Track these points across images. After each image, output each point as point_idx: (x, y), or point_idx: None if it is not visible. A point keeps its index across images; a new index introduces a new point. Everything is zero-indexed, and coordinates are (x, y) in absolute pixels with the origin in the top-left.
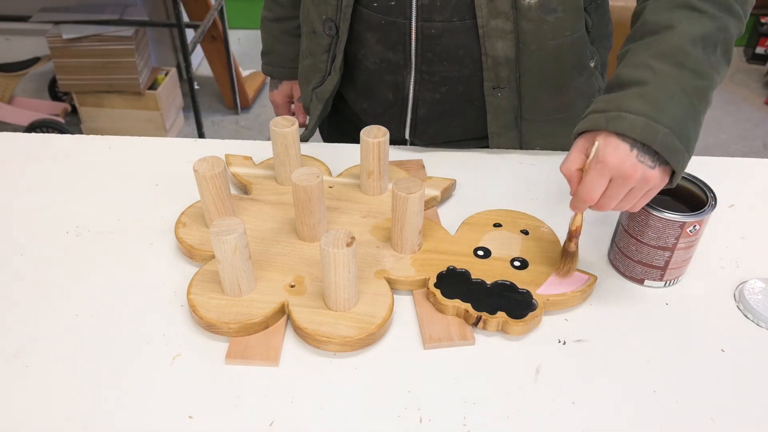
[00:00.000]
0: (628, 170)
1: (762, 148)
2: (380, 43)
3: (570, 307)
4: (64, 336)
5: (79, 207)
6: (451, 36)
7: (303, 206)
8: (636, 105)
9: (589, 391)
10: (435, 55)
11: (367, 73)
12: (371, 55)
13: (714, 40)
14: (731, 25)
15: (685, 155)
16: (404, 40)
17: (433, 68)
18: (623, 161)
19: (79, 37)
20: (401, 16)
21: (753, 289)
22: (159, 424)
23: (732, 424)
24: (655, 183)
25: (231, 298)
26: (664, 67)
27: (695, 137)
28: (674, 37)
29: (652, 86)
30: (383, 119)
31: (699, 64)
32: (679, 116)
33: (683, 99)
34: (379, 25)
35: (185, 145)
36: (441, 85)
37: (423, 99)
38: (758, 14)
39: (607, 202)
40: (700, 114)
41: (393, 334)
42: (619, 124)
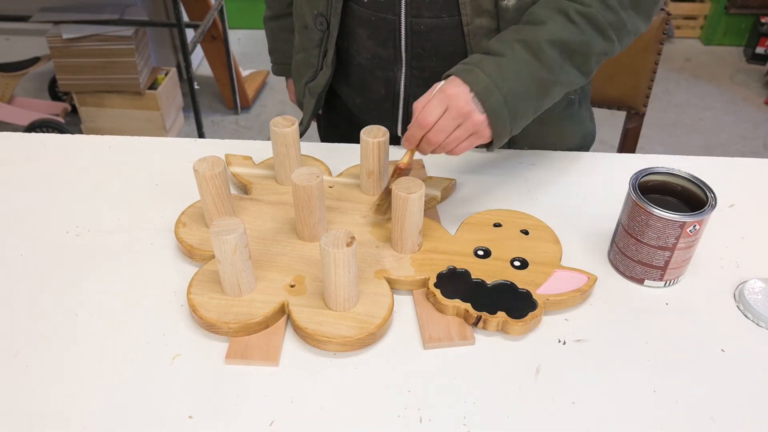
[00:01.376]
0: (462, 103)
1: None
2: (371, 38)
3: (570, 307)
4: (64, 336)
5: (79, 207)
6: (440, 32)
7: (303, 206)
8: (489, 68)
9: (589, 391)
10: (425, 51)
11: (360, 69)
12: (363, 51)
13: (571, 48)
14: (596, 43)
15: (506, 124)
16: (394, 36)
17: (423, 64)
18: (460, 95)
19: (79, 37)
20: (390, 12)
21: (753, 289)
22: (159, 424)
23: (732, 424)
24: (479, 128)
25: (231, 298)
26: (523, 52)
27: (524, 116)
28: (540, 32)
29: (507, 60)
30: (376, 115)
31: (550, 61)
32: (517, 91)
33: (526, 81)
34: (369, 20)
35: (185, 145)
36: (432, 80)
37: (415, 95)
38: (758, 14)
39: (436, 133)
40: (537, 100)
41: (393, 334)
42: (467, 76)
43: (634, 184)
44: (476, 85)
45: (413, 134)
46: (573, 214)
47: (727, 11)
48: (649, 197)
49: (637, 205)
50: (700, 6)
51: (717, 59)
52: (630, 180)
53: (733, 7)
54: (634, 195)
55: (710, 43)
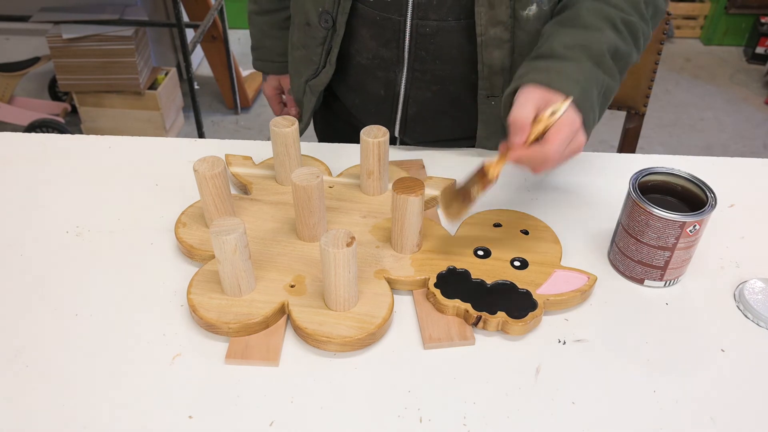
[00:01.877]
0: (580, 135)
1: (762, 148)
2: (374, 39)
3: (570, 307)
4: (64, 336)
5: (79, 207)
6: (446, 35)
7: (303, 206)
8: (576, 75)
9: (589, 391)
10: (428, 53)
11: (360, 69)
12: (364, 51)
13: (621, 56)
14: (633, 54)
15: (590, 131)
16: (398, 37)
17: (425, 66)
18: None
19: (79, 37)
20: (397, 13)
21: (753, 289)
22: (159, 424)
23: (732, 424)
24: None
25: (231, 298)
26: (587, 59)
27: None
28: (600, 39)
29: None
30: (374, 116)
31: (609, 69)
32: (595, 100)
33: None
34: (374, 21)
35: (185, 145)
36: (433, 83)
37: (414, 97)
38: (758, 14)
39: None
40: (603, 108)
41: (393, 334)
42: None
43: (634, 184)
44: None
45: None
46: (573, 214)
47: (727, 11)
48: (649, 197)
49: (637, 205)
50: (700, 6)
51: (717, 59)
52: (630, 180)
53: (733, 7)
54: (634, 195)
55: (710, 43)
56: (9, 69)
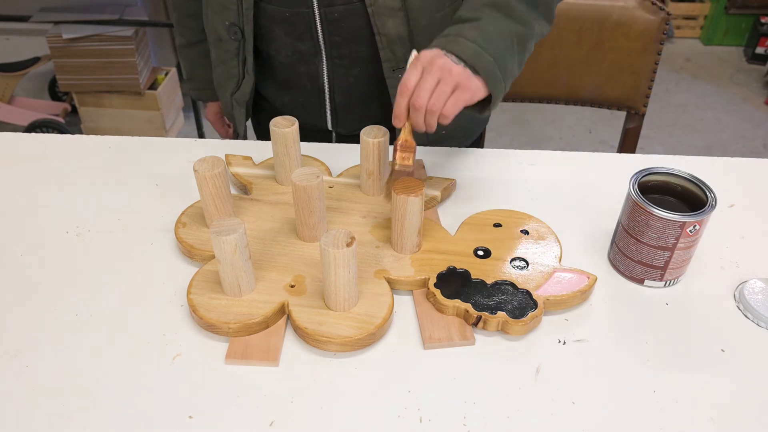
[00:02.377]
0: (434, 57)
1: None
2: (288, 35)
3: (570, 307)
4: (64, 336)
5: (79, 207)
6: (354, 17)
7: (303, 206)
8: (471, 34)
9: (589, 391)
10: (342, 38)
11: (282, 67)
12: (283, 49)
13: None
14: None
15: (501, 84)
16: (311, 28)
17: (342, 51)
18: (431, 53)
19: (79, 37)
20: (304, 6)
21: (753, 289)
22: (159, 424)
23: (732, 424)
24: (460, 78)
25: (231, 298)
26: (495, 14)
27: (512, 74)
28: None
29: (484, 23)
30: (304, 111)
31: (522, 15)
32: (502, 51)
33: (507, 39)
34: (284, 17)
35: (185, 145)
36: (352, 67)
37: (338, 85)
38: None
39: (418, 93)
40: (519, 54)
41: (393, 334)
42: (454, 46)
43: (634, 184)
44: (465, 52)
45: (399, 104)
46: (573, 214)
47: (727, 11)
48: (649, 197)
49: (637, 205)
50: (700, 6)
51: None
52: (630, 180)
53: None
54: (634, 195)
55: (710, 43)
56: (9, 69)
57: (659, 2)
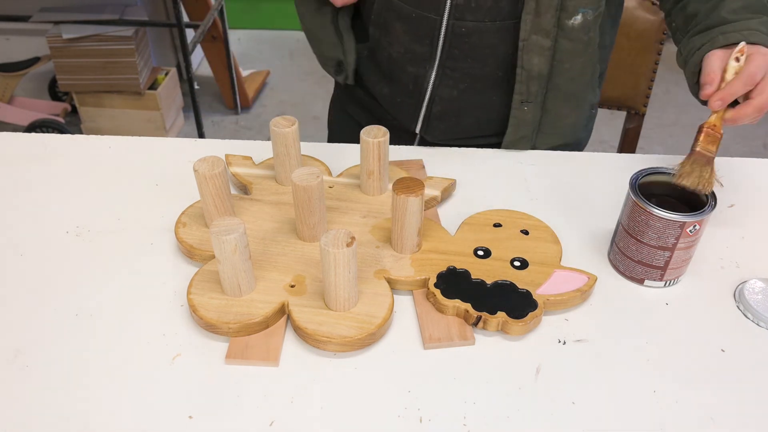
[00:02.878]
0: None
1: (762, 148)
2: (407, 34)
3: (570, 307)
4: (64, 336)
5: (79, 207)
6: (481, 36)
7: (303, 206)
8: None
9: (589, 391)
10: (461, 51)
11: (390, 61)
12: (396, 44)
13: None
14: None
15: None
16: (433, 35)
17: (456, 64)
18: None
19: (79, 37)
20: (434, 12)
21: (753, 289)
22: (159, 424)
23: (732, 424)
24: None
25: (231, 298)
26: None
27: None
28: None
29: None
30: (399, 107)
31: None
32: None
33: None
34: (409, 17)
35: (185, 145)
36: (461, 81)
37: (441, 95)
38: None
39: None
40: None
41: (393, 334)
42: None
43: (634, 184)
44: None
45: (735, 91)
46: (573, 214)
47: None
48: (649, 197)
49: (637, 205)
50: None
51: None
52: (630, 180)
53: None
54: (634, 195)
55: None
56: (9, 69)
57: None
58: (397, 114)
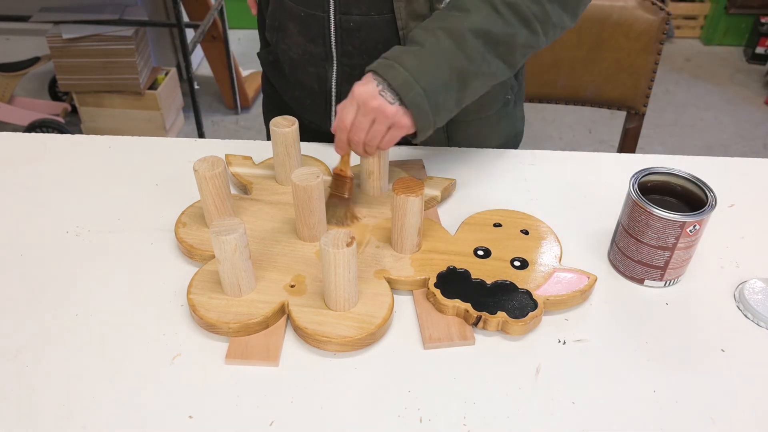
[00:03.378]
0: (368, 99)
1: (762, 148)
2: (301, 34)
3: (570, 307)
4: (64, 336)
5: (79, 207)
6: (370, 30)
7: (303, 206)
8: (408, 62)
9: (589, 391)
10: (355, 48)
11: (293, 64)
12: (294, 46)
13: (496, 39)
14: (521, 35)
15: (429, 117)
16: (324, 32)
17: (353, 61)
18: (366, 92)
19: (79, 37)
20: (320, 9)
21: (753, 289)
22: (159, 424)
23: (732, 424)
24: (395, 119)
25: (231, 298)
26: (445, 41)
27: (446, 109)
28: (465, 21)
29: (427, 51)
30: (310, 110)
31: (472, 52)
32: (437, 84)
33: (446, 73)
34: (299, 16)
35: (185, 145)
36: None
37: (346, 91)
38: (758, 14)
39: (356, 132)
40: (458, 91)
41: (393, 334)
42: (387, 72)
43: (634, 184)
44: (395, 81)
45: (339, 138)
46: (573, 214)
47: (727, 11)
48: (649, 197)
49: (637, 205)
50: (700, 6)
51: (717, 59)
52: (630, 180)
53: (733, 7)
54: (634, 195)
55: (710, 43)
56: (9, 69)
57: (659, 2)
58: (309, 116)
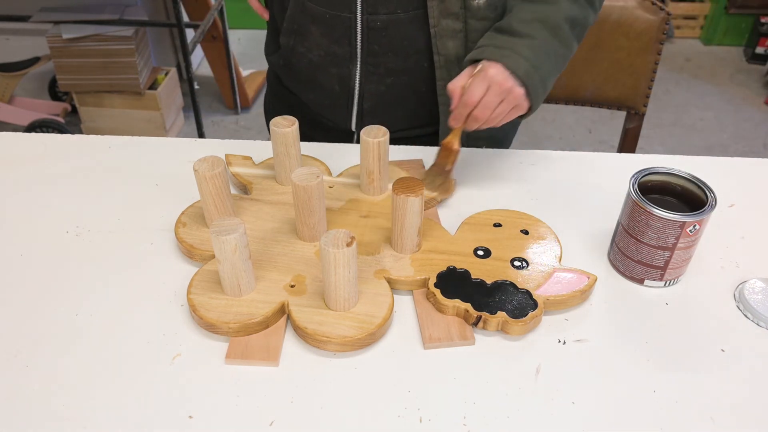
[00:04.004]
0: (502, 80)
1: (762, 148)
2: (325, 36)
3: (570, 307)
4: (64, 336)
5: (79, 207)
6: (397, 28)
7: (303, 206)
8: (525, 51)
9: (589, 391)
10: (381, 47)
11: (311, 66)
12: (315, 48)
13: (577, 23)
14: (590, 16)
15: (541, 99)
16: (350, 33)
17: (379, 60)
18: (500, 73)
19: (79, 37)
20: (347, 10)
21: (753, 289)
22: (159, 424)
23: (732, 424)
24: (519, 101)
25: (231, 298)
26: (545, 32)
27: (548, 89)
28: (558, 12)
29: (538, 42)
30: (329, 109)
31: (566, 38)
32: (547, 70)
33: (552, 59)
34: (324, 18)
35: (185, 145)
36: (386, 76)
37: (369, 91)
38: (758, 14)
39: (483, 109)
40: (558, 72)
41: (393, 334)
42: (510, 61)
43: (634, 184)
44: (518, 70)
45: (460, 113)
46: (573, 214)
47: (727, 11)
48: (649, 197)
49: (637, 205)
50: (700, 6)
51: (717, 59)
52: (630, 180)
53: (733, 7)
54: (634, 195)
55: (710, 43)
56: (9, 69)
57: (659, 2)
58: (329, 115)
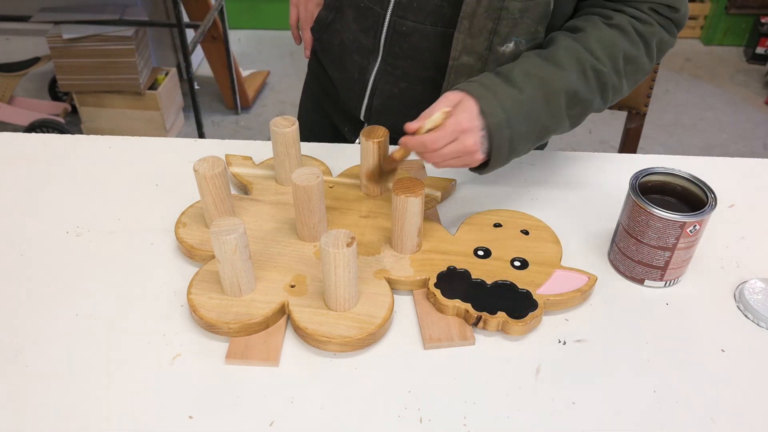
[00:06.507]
0: (470, 144)
1: (762, 148)
2: (356, 22)
3: (570, 307)
4: (64, 336)
5: (79, 207)
6: (421, 38)
7: (303, 206)
8: (507, 101)
9: (589, 391)
10: (402, 50)
11: (342, 47)
12: (347, 31)
13: (578, 101)
14: (596, 102)
15: (503, 161)
16: (377, 28)
17: (397, 62)
18: (472, 134)
19: (79, 37)
20: (379, 5)
21: (753, 289)
22: (159, 424)
23: (732, 424)
24: (475, 158)
25: (231, 298)
26: (539, 92)
27: (518, 155)
28: (561, 80)
29: (525, 98)
30: (348, 93)
31: (557, 109)
32: (522, 133)
33: (532, 124)
34: (359, 6)
35: (185, 145)
36: (401, 80)
37: (382, 89)
38: (758, 14)
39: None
40: (533, 143)
41: (393, 334)
42: (487, 104)
43: (634, 184)
44: (492, 118)
45: (414, 146)
46: (573, 214)
47: (727, 11)
48: (649, 197)
49: (637, 205)
50: (700, 6)
51: (717, 59)
52: (630, 180)
53: (733, 7)
54: (634, 195)
55: (710, 43)
56: (9, 69)
57: None
58: (345, 98)
